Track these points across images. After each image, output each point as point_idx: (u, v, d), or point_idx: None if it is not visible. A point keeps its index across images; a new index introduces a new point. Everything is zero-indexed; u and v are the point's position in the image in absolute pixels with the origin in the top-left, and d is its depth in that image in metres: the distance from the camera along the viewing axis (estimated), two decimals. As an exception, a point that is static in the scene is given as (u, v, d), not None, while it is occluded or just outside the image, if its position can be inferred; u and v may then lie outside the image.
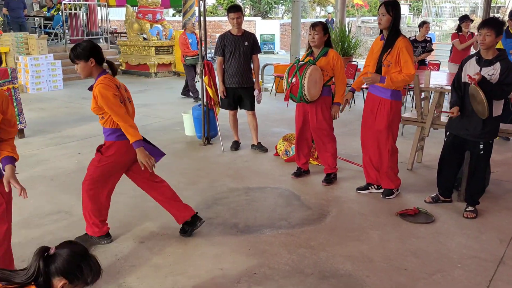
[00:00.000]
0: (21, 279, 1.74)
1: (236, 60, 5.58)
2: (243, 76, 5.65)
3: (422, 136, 5.24)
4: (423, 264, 3.25)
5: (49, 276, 1.77)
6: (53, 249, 1.80)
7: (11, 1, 12.72)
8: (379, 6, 4.12)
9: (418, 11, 34.94)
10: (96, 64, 3.24)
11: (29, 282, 1.74)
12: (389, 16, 4.03)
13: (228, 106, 5.85)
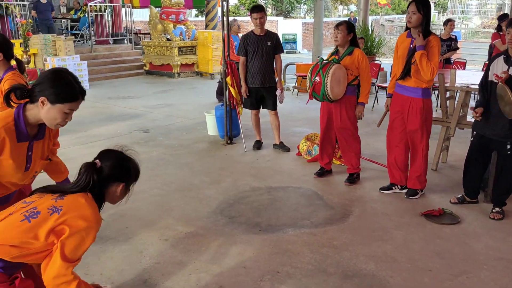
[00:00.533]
0: (74, 190, 1.98)
1: (258, 60, 5.61)
2: (265, 76, 5.67)
3: (447, 136, 5.16)
4: (448, 265, 3.21)
5: (103, 186, 2.03)
6: (98, 162, 2.03)
7: (39, 4, 13.03)
8: (409, 4, 4.04)
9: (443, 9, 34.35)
10: (4, 59, 3.03)
11: (84, 191, 1.98)
12: (419, 15, 3.96)
13: (250, 105, 5.89)
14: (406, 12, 4.10)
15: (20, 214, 1.86)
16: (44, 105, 2.01)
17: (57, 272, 1.81)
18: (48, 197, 1.92)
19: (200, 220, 3.93)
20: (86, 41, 14.34)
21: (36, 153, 2.19)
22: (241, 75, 5.81)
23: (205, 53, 13.04)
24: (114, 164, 2.07)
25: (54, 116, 2.04)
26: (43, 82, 2.02)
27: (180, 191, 4.57)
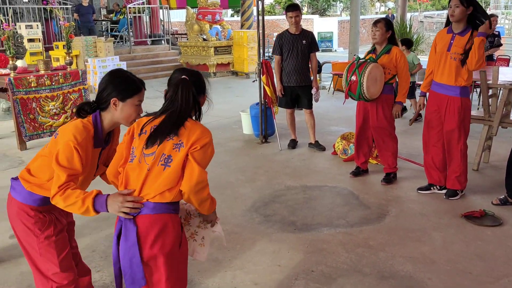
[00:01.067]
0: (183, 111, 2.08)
1: (294, 58, 5.60)
2: (301, 75, 5.66)
3: (489, 135, 5.00)
4: (490, 268, 3.12)
5: (197, 98, 2.15)
6: (186, 78, 2.12)
7: (81, 7, 13.47)
8: None
9: (486, 4, 33.22)
10: None
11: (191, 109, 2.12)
12: (463, 7, 3.85)
13: (285, 104, 5.89)
14: (448, 6, 3.98)
15: (158, 166, 1.99)
16: (117, 106, 2.11)
17: (198, 178, 1.98)
18: (166, 143, 2.02)
19: (235, 218, 3.97)
20: (125, 42, 14.70)
21: (101, 159, 2.28)
22: (276, 75, 5.81)
23: (240, 53, 13.13)
24: (199, 77, 2.21)
25: (128, 112, 2.14)
26: (107, 86, 2.12)
27: (216, 189, 4.62)
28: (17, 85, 5.83)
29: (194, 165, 1.98)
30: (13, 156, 5.91)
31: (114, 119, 2.16)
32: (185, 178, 1.98)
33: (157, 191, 1.97)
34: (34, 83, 5.98)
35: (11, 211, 2.23)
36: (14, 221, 2.24)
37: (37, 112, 6.05)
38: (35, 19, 11.77)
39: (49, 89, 6.14)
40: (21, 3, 11.83)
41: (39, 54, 10.37)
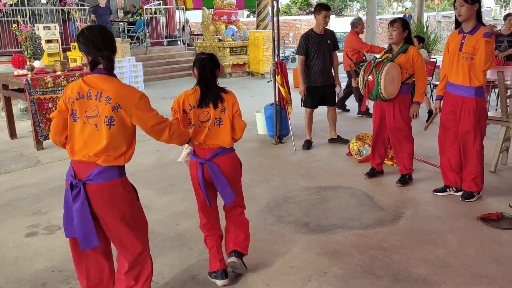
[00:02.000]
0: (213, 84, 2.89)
1: (321, 58, 5.67)
2: (326, 74, 5.76)
3: (507, 136, 4.91)
4: (506, 272, 3.06)
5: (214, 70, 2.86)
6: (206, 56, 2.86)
7: (98, 8, 13.62)
8: None
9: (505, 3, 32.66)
10: None
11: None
12: (468, 5, 3.81)
13: (311, 104, 5.93)
14: (454, 8, 3.95)
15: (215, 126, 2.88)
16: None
17: (244, 125, 3.00)
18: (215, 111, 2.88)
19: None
20: (142, 43, 14.83)
21: None
22: (299, 75, 5.83)
23: (256, 53, 13.13)
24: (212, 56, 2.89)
25: None
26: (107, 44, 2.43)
27: (230, 190, 4.63)
28: (34, 85, 5.92)
29: (240, 121, 2.99)
30: (30, 155, 6.00)
31: None
32: (237, 130, 2.98)
33: (223, 140, 2.91)
34: (51, 83, 6.06)
35: (115, 193, 2.40)
36: (121, 202, 2.44)
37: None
38: (53, 20, 11.94)
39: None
40: (39, 4, 12.01)
41: (57, 55, 10.53)
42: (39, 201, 4.48)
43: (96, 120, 2.31)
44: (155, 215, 4.05)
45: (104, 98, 2.30)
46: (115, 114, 2.31)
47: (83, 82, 2.34)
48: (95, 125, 2.32)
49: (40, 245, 3.59)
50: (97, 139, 2.31)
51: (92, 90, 2.31)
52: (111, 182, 2.37)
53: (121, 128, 2.35)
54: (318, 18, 5.66)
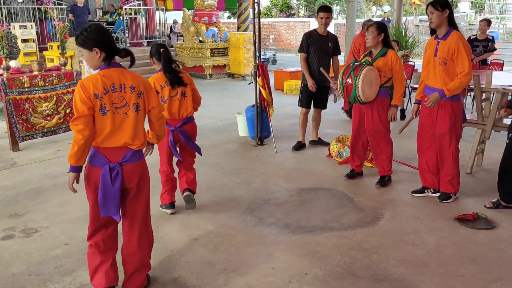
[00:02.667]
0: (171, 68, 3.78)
1: (318, 58, 5.71)
2: (322, 75, 5.76)
3: (482, 138, 5.02)
4: (482, 271, 3.13)
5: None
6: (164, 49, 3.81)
7: (76, 7, 13.42)
8: (427, 6, 4.01)
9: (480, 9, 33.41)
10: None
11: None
12: (438, 12, 3.90)
13: (306, 104, 5.98)
14: (427, 15, 4.04)
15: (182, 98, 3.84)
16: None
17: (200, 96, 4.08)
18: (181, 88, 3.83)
19: (229, 220, 3.96)
20: (121, 43, 14.66)
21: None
22: (304, 71, 5.87)
23: (237, 55, 13.13)
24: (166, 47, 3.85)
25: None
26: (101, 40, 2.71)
27: (211, 191, 4.62)
28: (10, 85, 5.80)
29: (198, 93, 3.97)
30: (5, 157, 5.88)
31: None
32: (196, 100, 3.97)
33: (189, 109, 3.89)
34: (28, 83, 5.95)
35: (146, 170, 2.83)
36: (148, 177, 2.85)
37: (29, 113, 6.02)
38: (29, 19, 11.72)
39: (43, 89, 6.11)
40: (16, 3, 11.77)
41: (33, 55, 10.32)
42: (15, 203, 4.39)
43: (126, 109, 2.62)
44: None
45: (128, 89, 2.61)
46: (140, 100, 2.66)
47: (103, 77, 2.56)
48: (124, 113, 2.61)
49: (17, 248, 3.52)
50: (128, 125, 2.62)
51: (116, 83, 2.58)
52: (142, 161, 2.78)
53: (142, 113, 2.70)
54: (317, 19, 5.75)
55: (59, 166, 5.50)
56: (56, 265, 3.27)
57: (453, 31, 3.94)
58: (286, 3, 33.71)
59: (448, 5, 3.94)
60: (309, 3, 32.93)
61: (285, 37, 25.58)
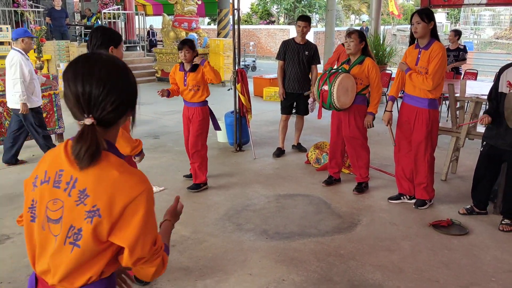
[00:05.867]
0: None
1: (295, 66, 5.78)
2: (300, 83, 5.86)
3: (457, 146, 5.13)
4: (456, 276, 3.18)
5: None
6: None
7: (54, 11, 13.25)
8: (412, 15, 4.08)
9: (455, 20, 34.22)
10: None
11: None
12: (424, 23, 3.97)
13: (284, 110, 6.07)
14: (411, 24, 4.10)
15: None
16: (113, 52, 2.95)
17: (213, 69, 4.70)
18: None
19: (207, 227, 3.95)
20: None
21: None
22: (278, 78, 5.98)
23: (216, 61, 13.13)
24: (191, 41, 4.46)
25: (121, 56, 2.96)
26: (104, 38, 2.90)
27: (189, 197, 4.60)
28: (-16, 88, 5.67)
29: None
30: (-21, 161, 5.73)
31: None
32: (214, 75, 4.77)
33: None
34: (2, 87, 5.83)
35: None
36: None
37: (4, 117, 5.89)
38: (5, 21, 11.52)
39: (19, 93, 5.98)
40: (-8, 5, 11.57)
41: (9, 58, 10.11)
42: (-12, 209, 4.28)
43: None
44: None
45: None
46: None
47: None
48: None
49: (-12, 256, 3.43)
50: None
51: None
52: None
53: None
54: (296, 28, 5.80)
55: (34, 171, 5.38)
56: (29, 273, 3.19)
57: (435, 42, 4.02)
58: (266, 10, 33.92)
59: (433, 17, 4.03)
60: (289, 11, 33.21)
61: (265, 44, 25.72)
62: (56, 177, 1.35)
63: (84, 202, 1.29)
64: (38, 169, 1.41)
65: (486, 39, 24.09)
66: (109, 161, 1.32)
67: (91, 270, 1.34)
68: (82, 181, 1.30)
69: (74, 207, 1.30)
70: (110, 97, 1.30)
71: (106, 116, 1.30)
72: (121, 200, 1.29)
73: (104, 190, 1.29)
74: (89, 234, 1.28)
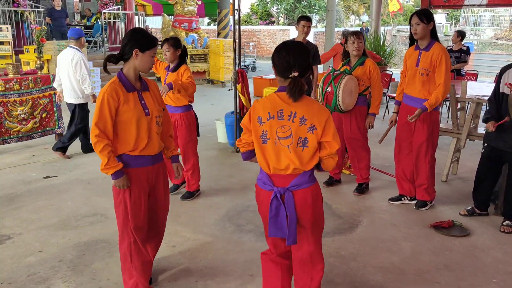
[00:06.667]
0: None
1: None
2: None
3: (458, 147, 5.12)
4: (457, 278, 3.18)
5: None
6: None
7: (54, 11, 13.23)
8: (411, 17, 4.07)
9: (455, 20, 34.24)
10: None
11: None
12: (424, 24, 3.97)
13: None
14: (410, 25, 4.09)
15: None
16: (137, 56, 2.63)
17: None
18: None
19: (208, 227, 3.94)
20: (99, 47, 14.51)
21: (149, 102, 2.73)
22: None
23: (216, 61, 13.12)
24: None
25: (145, 61, 2.65)
26: (129, 40, 2.63)
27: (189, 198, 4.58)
28: (-15, 88, 5.67)
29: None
30: (-21, 161, 5.73)
31: (133, 68, 2.66)
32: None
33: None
34: (2, 87, 5.82)
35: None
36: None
37: (4, 117, 5.88)
38: (5, 21, 11.50)
39: (18, 93, 5.99)
40: (-9, 5, 11.56)
41: (9, 58, 10.13)
42: (-13, 209, 4.28)
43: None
44: (111, 224, 3.95)
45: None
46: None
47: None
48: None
49: (-12, 256, 3.42)
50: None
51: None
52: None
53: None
54: (298, 28, 5.76)
55: (34, 171, 5.39)
56: (30, 273, 3.19)
57: (436, 43, 4.01)
58: (266, 10, 33.92)
59: (433, 17, 4.01)
60: (289, 11, 33.21)
61: (265, 45, 25.71)
62: (278, 114, 2.31)
63: (305, 123, 2.29)
64: (256, 114, 2.35)
65: (486, 40, 24.12)
66: (306, 98, 2.33)
67: (314, 159, 2.33)
68: (300, 112, 2.29)
69: (298, 127, 2.29)
70: (303, 62, 2.30)
71: (301, 71, 2.27)
72: (323, 119, 2.29)
73: (313, 115, 2.29)
74: (313, 139, 2.29)
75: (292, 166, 2.30)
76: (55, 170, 5.43)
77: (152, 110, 2.72)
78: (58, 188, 4.86)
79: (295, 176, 2.34)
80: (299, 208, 2.35)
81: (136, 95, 2.68)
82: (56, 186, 4.91)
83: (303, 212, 2.36)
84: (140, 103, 2.68)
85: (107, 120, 2.56)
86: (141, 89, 2.73)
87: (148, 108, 2.70)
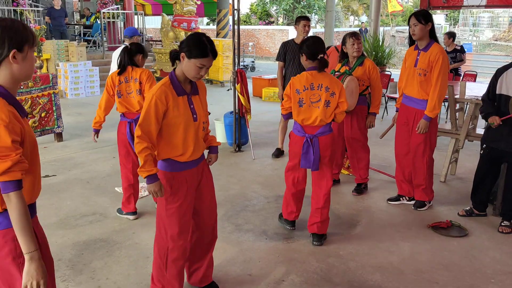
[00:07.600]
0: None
1: (295, 67, 5.75)
2: None
3: (456, 148, 5.13)
4: (455, 278, 3.19)
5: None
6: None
7: (53, 10, 13.23)
8: (409, 18, 4.08)
9: (454, 21, 34.27)
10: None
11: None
12: (421, 25, 3.98)
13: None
14: (409, 26, 4.10)
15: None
16: (183, 60, 2.49)
17: None
18: None
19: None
20: (99, 47, 14.51)
21: (197, 106, 2.62)
22: (278, 80, 5.95)
23: (215, 61, 13.00)
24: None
25: (189, 68, 2.47)
26: (184, 42, 2.53)
27: (188, 198, 4.59)
28: (-16, 87, 5.66)
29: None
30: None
31: (182, 70, 2.52)
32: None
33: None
34: None
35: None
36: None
37: None
38: (4, 20, 11.48)
39: (17, 92, 5.98)
40: (-9, 4, 11.55)
41: (8, 57, 10.08)
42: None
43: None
44: (110, 223, 3.96)
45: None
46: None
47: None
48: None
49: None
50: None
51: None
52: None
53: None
54: (298, 28, 5.77)
55: (33, 170, 5.38)
56: (28, 272, 3.18)
57: (434, 43, 4.02)
58: (265, 11, 33.93)
59: (431, 18, 4.02)
60: (288, 11, 33.21)
61: (264, 45, 25.72)
62: (310, 86, 3.44)
63: (328, 91, 3.41)
64: (295, 87, 3.49)
65: (485, 41, 24.14)
66: (327, 74, 3.49)
67: (332, 115, 3.49)
68: (325, 84, 3.42)
69: (324, 93, 3.41)
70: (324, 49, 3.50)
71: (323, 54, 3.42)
72: (339, 88, 3.45)
73: (333, 85, 3.43)
74: (333, 100, 3.44)
75: (319, 119, 3.42)
76: (54, 170, 5.43)
77: (200, 115, 2.62)
78: (57, 187, 4.86)
79: (320, 127, 3.47)
80: (322, 148, 3.46)
81: (186, 99, 2.56)
82: (55, 185, 4.91)
83: (325, 151, 3.48)
84: (189, 108, 2.57)
85: (152, 122, 2.46)
86: (191, 93, 2.60)
87: (197, 113, 2.60)
